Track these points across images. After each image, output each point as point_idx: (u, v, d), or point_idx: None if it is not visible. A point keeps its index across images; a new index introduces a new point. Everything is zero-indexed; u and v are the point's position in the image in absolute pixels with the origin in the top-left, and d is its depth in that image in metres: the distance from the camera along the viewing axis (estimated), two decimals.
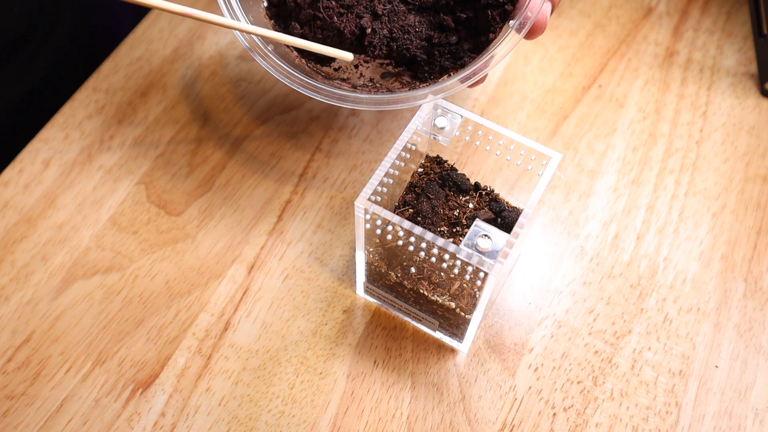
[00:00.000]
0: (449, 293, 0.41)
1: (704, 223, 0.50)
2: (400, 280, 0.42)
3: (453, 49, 0.46)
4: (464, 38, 0.46)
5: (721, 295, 0.47)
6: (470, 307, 0.40)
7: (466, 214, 0.42)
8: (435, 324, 0.43)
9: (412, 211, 0.42)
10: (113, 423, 0.42)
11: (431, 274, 0.40)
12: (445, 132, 0.42)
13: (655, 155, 0.53)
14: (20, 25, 0.56)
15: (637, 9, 0.61)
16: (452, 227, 0.42)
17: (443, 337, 0.44)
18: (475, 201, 0.43)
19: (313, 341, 0.45)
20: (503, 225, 0.42)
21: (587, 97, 0.56)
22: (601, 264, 0.48)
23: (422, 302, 0.42)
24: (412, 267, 0.40)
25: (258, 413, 0.43)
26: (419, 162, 0.45)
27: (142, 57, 0.57)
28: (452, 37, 0.45)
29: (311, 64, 0.48)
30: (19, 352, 0.44)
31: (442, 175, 0.44)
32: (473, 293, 0.39)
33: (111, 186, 0.51)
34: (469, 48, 0.45)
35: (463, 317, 0.41)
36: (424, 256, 0.38)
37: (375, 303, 0.46)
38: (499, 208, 0.42)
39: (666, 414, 0.43)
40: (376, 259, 0.42)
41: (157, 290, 0.47)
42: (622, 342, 0.45)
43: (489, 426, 0.42)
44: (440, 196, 0.42)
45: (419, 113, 0.41)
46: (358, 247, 0.41)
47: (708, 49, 0.58)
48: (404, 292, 0.43)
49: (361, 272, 0.44)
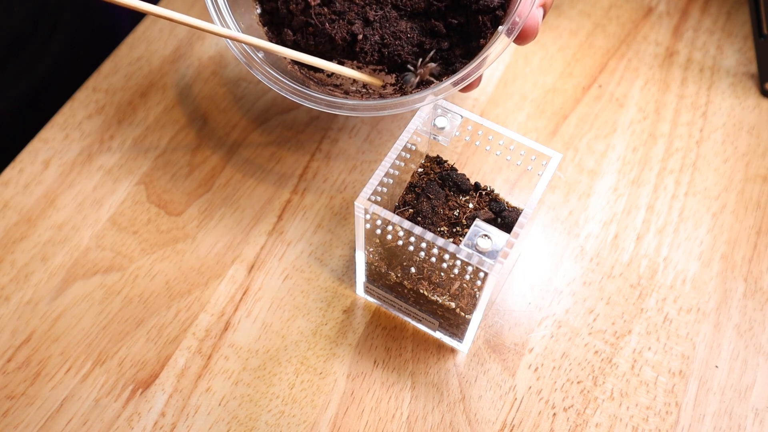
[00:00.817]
0: (449, 293, 0.41)
1: (704, 223, 0.50)
2: (400, 280, 0.42)
3: (445, 54, 0.46)
4: (456, 44, 0.46)
5: (721, 295, 0.47)
6: (470, 307, 0.40)
7: (466, 214, 0.42)
8: (435, 324, 0.43)
9: (412, 211, 0.42)
10: (113, 423, 0.42)
11: (431, 274, 0.40)
12: (445, 132, 0.42)
13: (655, 155, 0.53)
14: (21, 24, 0.56)
15: (637, 9, 0.61)
16: (452, 227, 0.42)
17: (443, 337, 0.44)
18: (475, 201, 0.43)
19: (313, 341, 0.45)
20: (503, 225, 0.42)
21: (587, 97, 0.56)
22: (601, 264, 0.48)
23: (422, 302, 0.42)
24: (412, 267, 0.40)
25: (258, 413, 0.43)
26: (419, 162, 0.45)
27: (142, 57, 0.57)
28: (444, 42, 0.45)
29: (304, 70, 0.48)
30: (19, 352, 0.44)
31: (442, 175, 0.44)
32: (473, 293, 0.39)
33: (111, 186, 0.51)
34: (461, 53, 0.45)
35: (463, 317, 0.41)
36: (424, 256, 0.38)
37: (375, 303, 0.46)
38: (499, 208, 0.42)
39: (666, 414, 0.43)
40: (376, 259, 0.42)
41: (157, 290, 0.47)
42: (622, 342, 0.45)
43: (489, 426, 0.42)
44: (440, 196, 0.42)
45: (419, 113, 0.41)
46: (358, 247, 0.41)
47: (708, 49, 0.58)
48: (404, 292, 0.43)
49: (361, 272, 0.44)
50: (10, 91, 0.58)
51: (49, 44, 0.59)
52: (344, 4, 0.46)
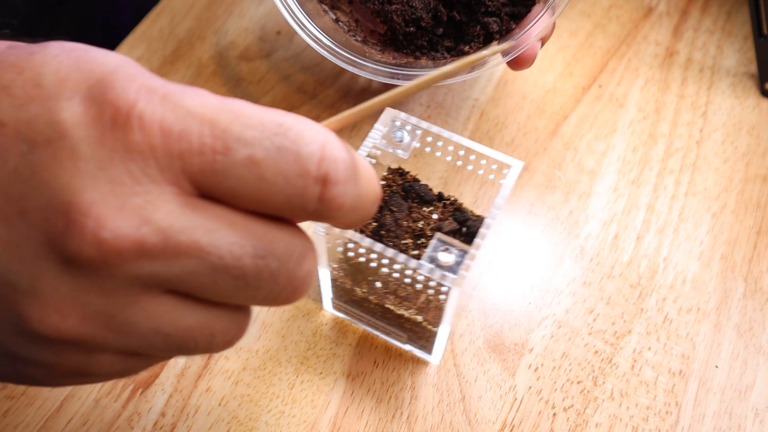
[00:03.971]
0: (415, 307, 0.40)
1: (704, 223, 0.50)
2: (366, 296, 0.41)
3: (434, 39, 0.46)
4: (447, 35, 0.46)
5: (721, 295, 0.47)
6: (437, 319, 0.40)
7: (430, 226, 0.42)
8: (403, 337, 0.43)
9: (375, 225, 0.41)
10: (113, 423, 0.42)
11: (397, 288, 0.39)
12: (403, 145, 0.41)
13: (655, 155, 0.53)
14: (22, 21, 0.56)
15: (637, 9, 0.61)
16: (417, 239, 0.41)
17: (413, 349, 0.44)
18: (439, 211, 0.42)
19: (313, 341, 0.45)
20: (468, 234, 0.41)
21: (587, 97, 0.56)
22: (601, 264, 0.48)
23: (389, 316, 0.42)
24: (377, 282, 0.40)
25: (258, 413, 0.43)
26: (381, 174, 0.44)
27: (142, 57, 0.57)
28: (439, 29, 0.46)
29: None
30: None
31: (405, 186, 0.43)
32: (439, 305, 0.39)
33: None
34: (448, 47, 0.46)
35: (430, 330, 0.41)
36: (388, 271, 0.38)
37: (343, 318, 0.46)
38: (463, 217, 0.42)
39: (666, 414, 0.43)
40: (340, 275, 0.41)
41: None
42: (622, 342, 0.45)
43: (489, 426, 0.42)
44: (403, 209, 0.41)
45: (377, 126, 0.40)
46: (322, 265, 0.41)
47: (708, 49, 0.59)
48: (371, 307, 0.42)
49: (327, 289, 0.43)
50: None
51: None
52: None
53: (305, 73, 0.56)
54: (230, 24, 0.59)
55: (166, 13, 0.59)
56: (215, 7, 0.60)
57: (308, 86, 0.56)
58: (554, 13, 0.42)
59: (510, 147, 0.53)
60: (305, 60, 0.57)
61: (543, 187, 0.51)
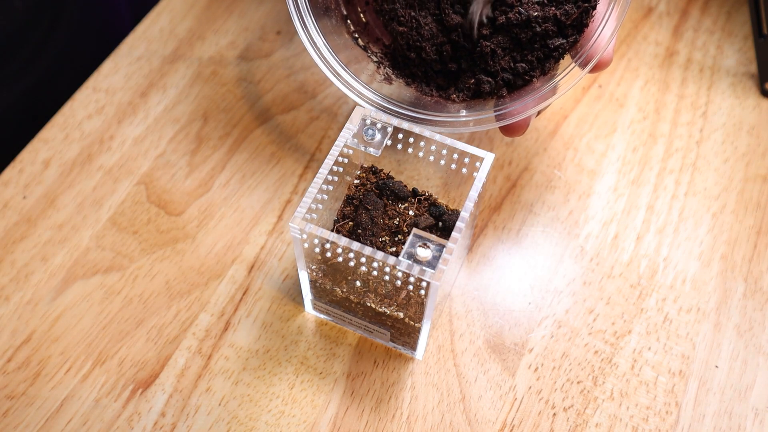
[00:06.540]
0: (396, 304, 0.40)
1: (704, 223, 0.50)
2: (346, 295, 0.41)
3: (429, 73, 0.45)
4: (443, 74, 0.45)
5: (721, 295, 0.47)
6: (419, 315, 0.40)
7: (406, 222, 0.42)
8: (386, 335, 0.43)
9: (351, 224, 0.42)
10: (113, 423, 0.42)
11: (377, 286, 0.40)
12: (375, 143, 0.41)
13: (655, 155, 0.53)
14: (21, 19, 0.56)
15: (637, 9, 0.61)
16: (394, 236, 0.41)
17: (396, 347, 0.44)
18: (415, 207, 0.43)
19: (313, 341, 0.45)
20: (444, 228, 0.41)
21: (587, 97, 0.56)
22: (601, 264, 0.48)
23: (371, 315, 0.42)
24: (357, 281, 0.40)
25: (258, 413, 0.43)
26: (354, 174, 0.44)
27: (142, 57, 0.57)
28: (437, 65, 0.45)
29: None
30: (19, 352, 0.44)
31: (379, 184, 0.43)
32: (420, 301, 0.39)
33: (111, 186, 0.51)
34: (439, 85, 0.45)
35: (413, 326, 0.41)
36: (366, 270, 0.38)
37: (324, 318, 0.46)
38: (438, 212, 0.42)
39: (666, 414, 0.43)
40: (320, 276, 0.41)
41: (157, 290, 0.47)
42: (622, 342, 0.45)
43: (489, 426, 0.42)
44: (378, 206, 0.42)
45: (348, 125, 0.40)
46: (300, 267, 0.41)
47: (708, 49, 0.59)
48: (352, 307, 0.42)
49: (307, 290, 0.43)
50: (10, 90, 0.58)
51: (49, 43, 0.59)
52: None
53: (305, 73, 0.56)
54: (230, 24, 0.59)
55: (166, 13, 0.59)
56: (215, 7, 0.60)
57: (308, 86, 0.56)
58: (556, 94, 0.40)
59: (510, 147, 0.53)
60: (305, 60, 0.57)
61: (543, 187, 0.51)
